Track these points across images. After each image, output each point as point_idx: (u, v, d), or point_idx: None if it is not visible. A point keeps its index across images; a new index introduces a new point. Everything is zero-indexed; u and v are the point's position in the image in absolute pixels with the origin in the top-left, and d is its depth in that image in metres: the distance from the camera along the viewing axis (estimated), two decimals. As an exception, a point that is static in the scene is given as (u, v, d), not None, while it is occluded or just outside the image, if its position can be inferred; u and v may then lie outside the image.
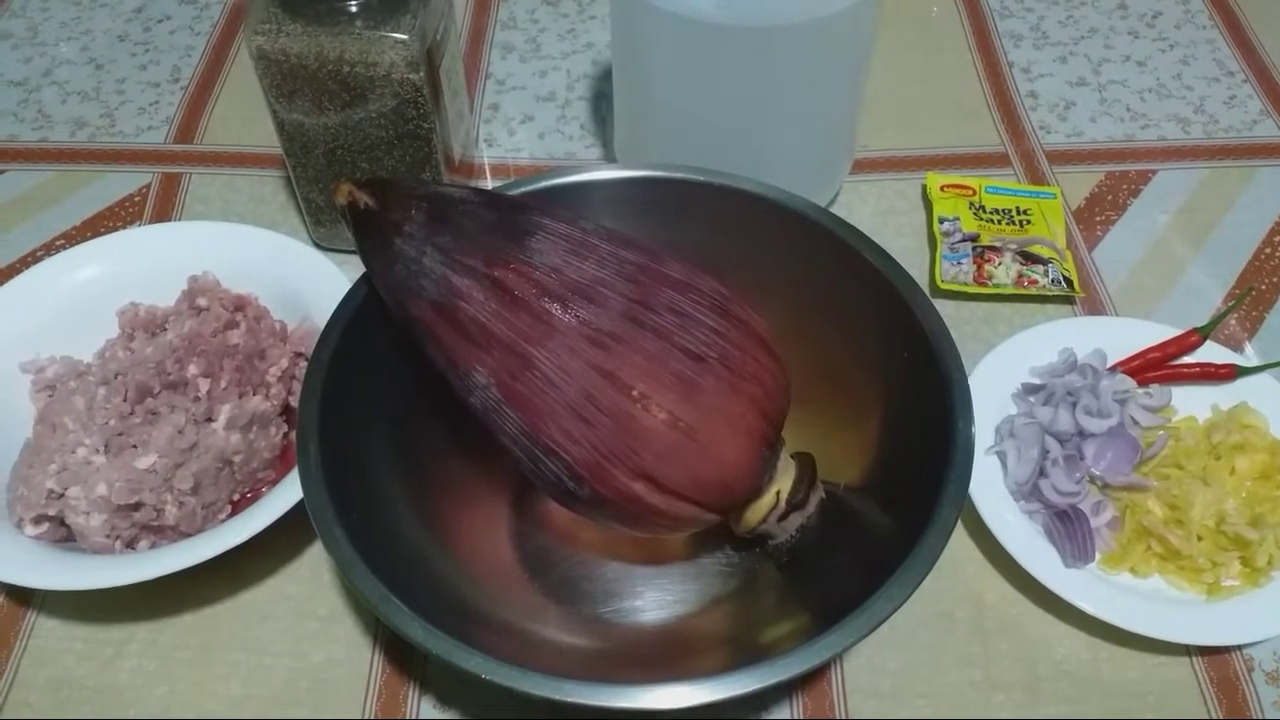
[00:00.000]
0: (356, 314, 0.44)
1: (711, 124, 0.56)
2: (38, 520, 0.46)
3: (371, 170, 0.57)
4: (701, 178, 0.48)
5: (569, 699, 0.34)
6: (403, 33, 0.51)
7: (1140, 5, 0.80)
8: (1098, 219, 0.65)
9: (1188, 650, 0.47)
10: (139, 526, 0.46)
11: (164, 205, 0.66)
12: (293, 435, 0.51)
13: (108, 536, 0.45)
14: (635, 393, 0.37)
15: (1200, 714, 0.45)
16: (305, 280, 0.54)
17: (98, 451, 0.46)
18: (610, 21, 0.59)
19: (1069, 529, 0.47)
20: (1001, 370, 0.54)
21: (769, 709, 0.45)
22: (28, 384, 0.52)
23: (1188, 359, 0.55)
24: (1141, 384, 0.53)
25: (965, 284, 0.59)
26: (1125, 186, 0.67)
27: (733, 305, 0.40)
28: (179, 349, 0.49)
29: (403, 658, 0.47)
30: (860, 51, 0.56)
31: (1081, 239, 0.64)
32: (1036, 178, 0.67)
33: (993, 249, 0.61)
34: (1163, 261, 0.63)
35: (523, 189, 0.47)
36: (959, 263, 0.60)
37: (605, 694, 0.34)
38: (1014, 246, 0.61)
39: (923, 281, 0.61)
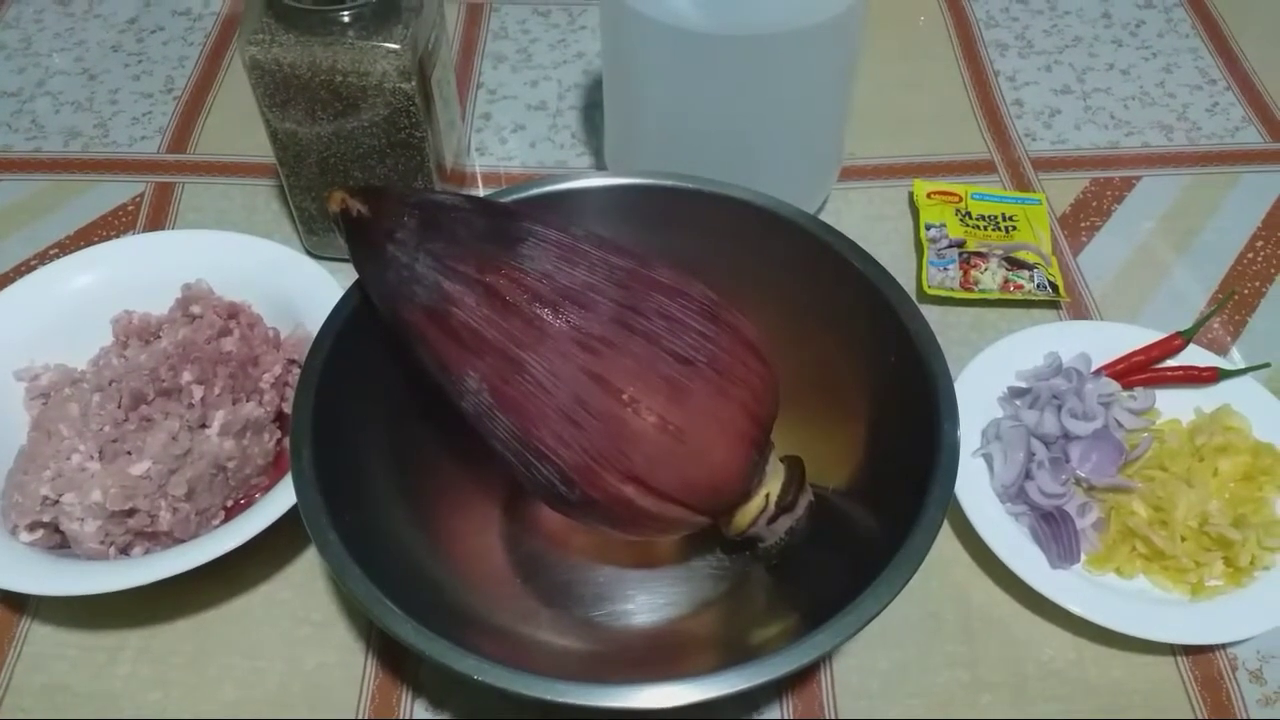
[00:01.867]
0: (349, 321, 0.44)
1: (701, 132, 0.56)
2: (32, 527, 0.46)
3: (364, 179, 0.57)
4: (691, 185, 0.48)
5: (561, 699, 0.34)
6: (395, 42, 0.51)
7: (1123, 14, 0.81)
8: (1083, 225, 0.66)
9: (1172, 650, 0.47)
10: (133, 532, 0.46)
11: (157, 214, 0.67)
12: (286, 441, 0.51)
13: (102, 542, 0.45)
14: (625, 396, 0.37)
15: (1185, 713, 0.46)
16: (298, 288, 0.54)
17: (92, 458, 0.46)
18: (600, 31, 0.59)
19: (1055, 530, 0.48)
20: (987, 374, 0.54)
21: (760, 710, 0.46)
22: (22, 392, 0.52)
23: (1171, 362, 0.55)
24: (1126, 387, 0.54)
25: (952, 289, 0.60)
26: (1110, 193, 0.68)
27: (722, 310, 0.41)
28: (173, 356, 0.49)
29: (396, 662, 0.47)
30: (847, 60, 0.57)
31: (1067, 245, 0.64)
32: (1022, 184, 0.68)
33: (979, 255, 0.61)
34: (1147, 266, 0.63)
35: (514, 196, 0.48)
36: (945, 268, 0.61)
37: (597, 694, 0.34)
38: (1000, 252, 0.62)
39: (910, 287, 0.61)
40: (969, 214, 0.64)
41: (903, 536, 0.37)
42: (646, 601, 0.47)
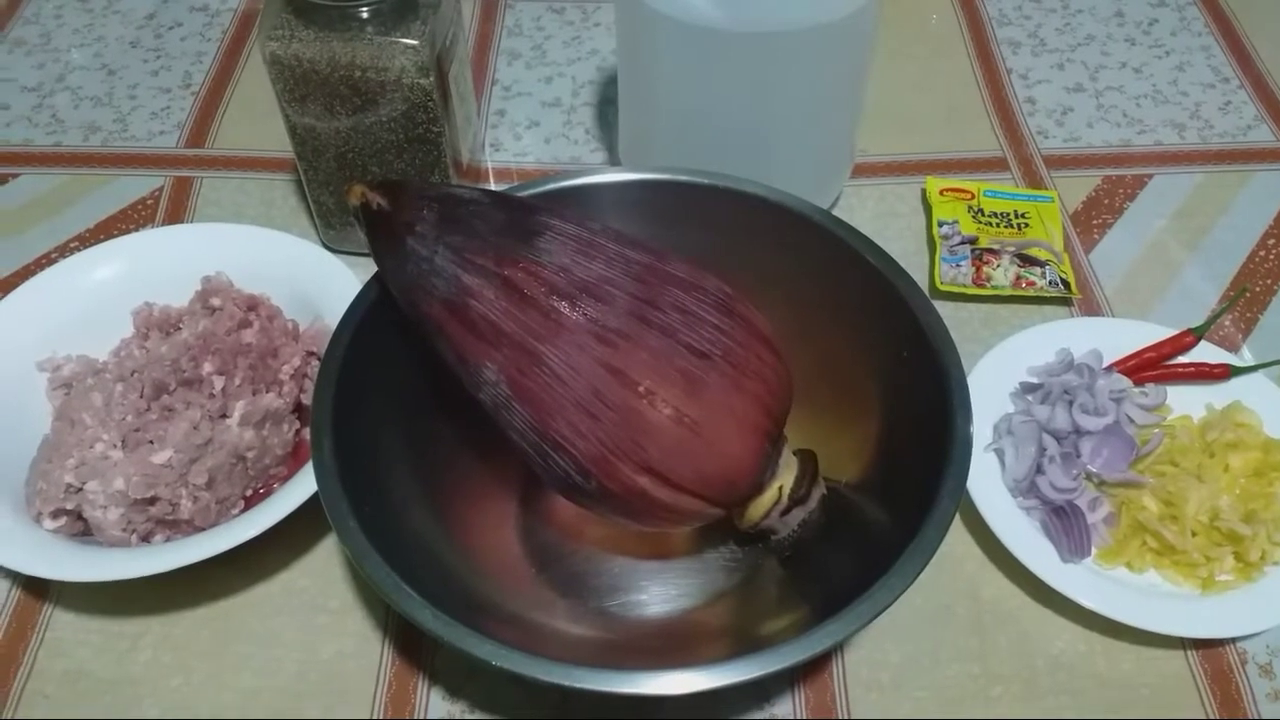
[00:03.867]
0: (368, 313, 0.45)
1: (715, 128, 0.57)
2: (56, 514, 0.47)
3: (381, 173, 0.58)
4: (705, 180, 0.49)
5: (576, 685, 0.35)
6: (413, 38, 0.52)
7: (1136, 12, 0.81)
8: (1095, 222, 0.66)
9: (1182, 643, 0.48)
10: (154, 520, 0.47)
11: (176, 208, 0.67)
12: (304, 432, 0.52)
13: (124, 530, 0.46)
14: (641, 389, 0.38)
15: (1194, 706, 0.46)
16: (317, 281, 0.55)
17: (115, 447, 0.47)
18: (615, 28, 0.60)
19: (1066, 525, 0.48)
20: (999, 370, 0.55)
21: (771, 701, 0.46)
22: (44, 382, 0.53)
23: (1183, 359, 0.56)
24: (1137, 383, 0.54)
25: (964, 286, 0.60)
26: (1122, 190, 0.68)
27: (736, 304, 0.41)
28: (194, 347, 0.50)
29: (412, 650, 0.48)
30: (860, 57, 0.57)
31: (1079, 242, 0.65)
32: (1034, 182, 0.68)
33: (991, 251, 0.62)
34: (1158, 264, 0.64)
35: (529, 192, 0.48)
36: (958, 265, 0.61)
37: (612, 680, 0.35)
38: (1012, 249, 0.62)
39: (922, 283, 0.61)
40: (981, 211, 0.64)
41: (915, 529, 0.38)
42: (660, 592, 0.47)
